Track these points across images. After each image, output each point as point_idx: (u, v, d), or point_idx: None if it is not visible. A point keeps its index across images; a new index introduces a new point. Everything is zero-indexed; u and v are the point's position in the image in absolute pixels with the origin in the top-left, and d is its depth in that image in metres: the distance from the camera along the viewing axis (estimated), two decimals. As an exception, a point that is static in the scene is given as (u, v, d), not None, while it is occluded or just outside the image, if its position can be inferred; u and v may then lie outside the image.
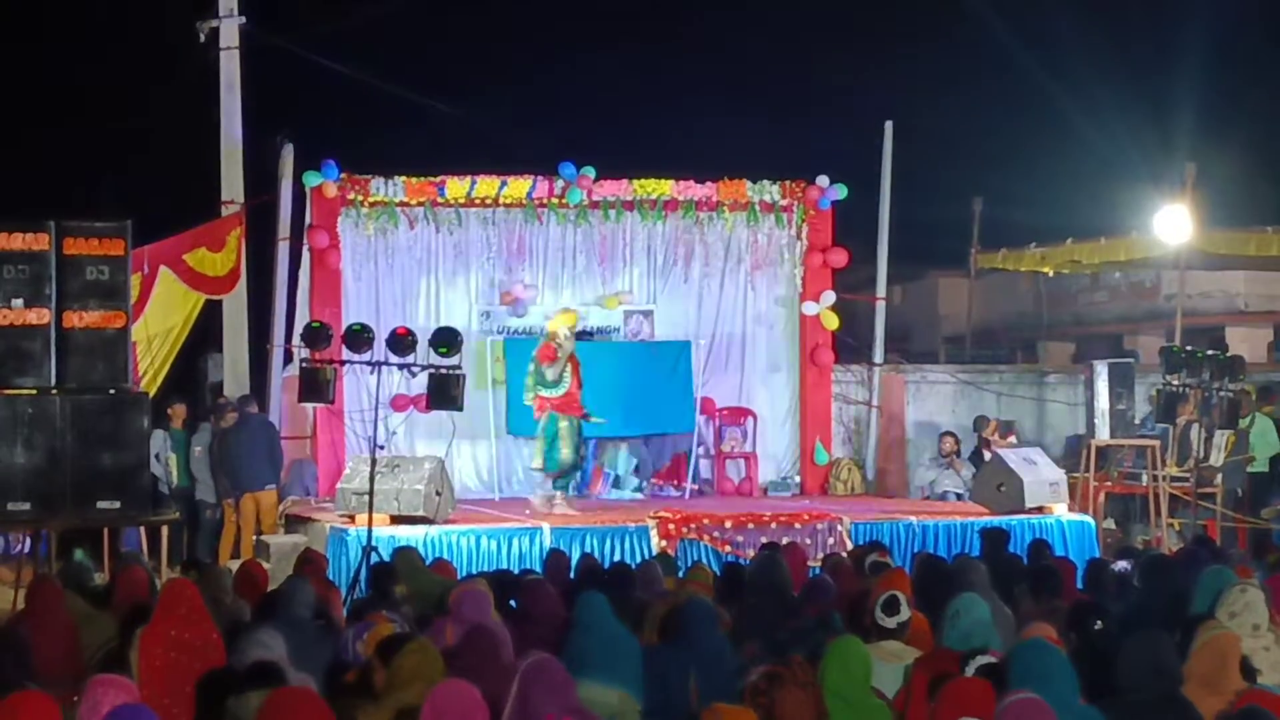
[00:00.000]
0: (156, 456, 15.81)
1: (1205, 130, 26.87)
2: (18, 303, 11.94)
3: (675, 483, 17.80)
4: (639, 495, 17.39)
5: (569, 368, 15.26)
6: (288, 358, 17.35)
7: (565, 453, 15.24)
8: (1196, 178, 20.56)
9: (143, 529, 14.78)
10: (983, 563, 9.80)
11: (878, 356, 19.58)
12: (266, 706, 5.32)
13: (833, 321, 18.59)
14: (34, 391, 11.97)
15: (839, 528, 14.58)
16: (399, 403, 16.73)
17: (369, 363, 13.39)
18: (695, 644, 7.52)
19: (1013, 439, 18.28)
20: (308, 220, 17.45)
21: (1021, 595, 9.38)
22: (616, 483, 17.80)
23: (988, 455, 17.24)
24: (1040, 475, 15.32)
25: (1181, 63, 27.96)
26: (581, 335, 17.78)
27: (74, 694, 5.44)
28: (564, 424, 15.25)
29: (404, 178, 17.52)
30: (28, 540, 13.45)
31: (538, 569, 11.73)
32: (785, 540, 12.92)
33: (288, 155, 17.66)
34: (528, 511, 15.08)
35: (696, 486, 17.72)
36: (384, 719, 6.11)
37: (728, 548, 14.24)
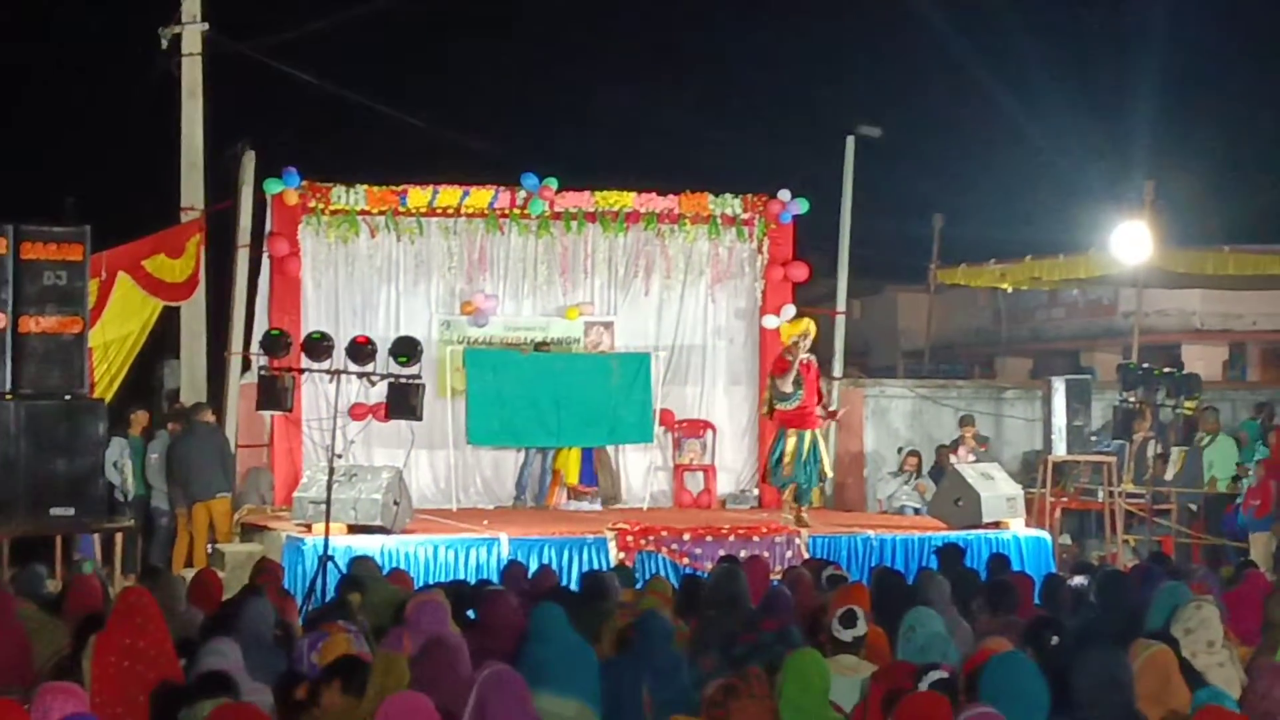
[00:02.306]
0: (114, 464, 15.72)
1: (1164, 149, 27.14)
2: (-27, 307, 11.86)
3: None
4: (597, 507, 17.37)
5: (802, 379, 15.21)
6: (246, 365, 17.27)
7: (785, 469, 15.23)
8: (1155, 195, 20.72)
9: (97, 536, 14.67)
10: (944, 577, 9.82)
11: (837, 370, 19.62)
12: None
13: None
14: (-12, 396, 11.89)
15: (797, 541, 14.59)
16: (357, 411, 16.67)
17: (328, 371, 13.34)
18: (649, 657, 7.52)
19: (985, 450, 18.36)
20: (268, 228, 17.37)
21: (979, 610, 9.40)
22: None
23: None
24: (997, 490, 15.36)
25: (1140, 82, 28.20)
26: (540, 346, 17.79)
27: (24, 702, 5.39)
28: (792, 440, 15.24)
29: (366, 186, 17.47)
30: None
31: (494, 580, 11.69)
32: (744, 553, 12.92)
33: (249, 162, 17.59)
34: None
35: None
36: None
37: (686, 560, 14.22)
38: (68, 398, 12.11)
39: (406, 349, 13.46)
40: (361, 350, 13.27)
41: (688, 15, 32.08)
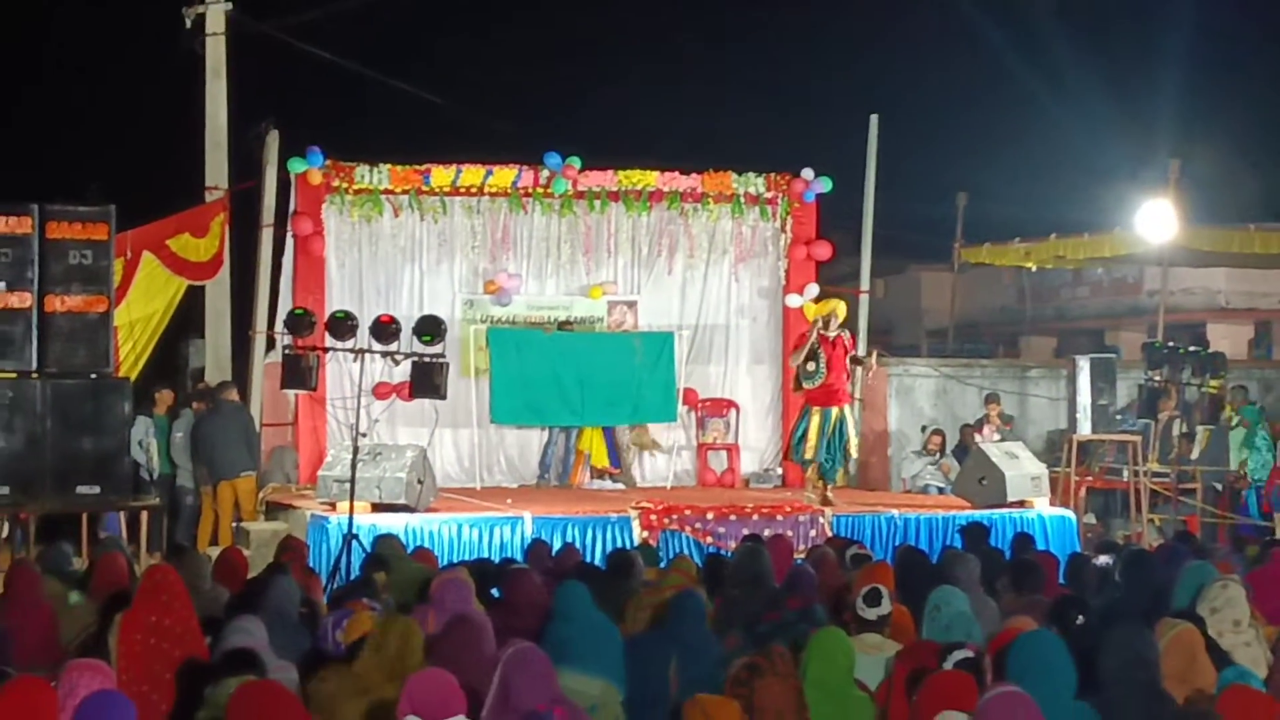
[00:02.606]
0: (140, 443, 15.78)
1: (1189, 127, 27.01)
2: (0, 286, 11.89)
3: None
4: (620, 486, 17.38)
5: (824, 357, 15.19)
6: (270, 344, 17.30)
7: (808, 449, 15.23)
8: (1180, 174, 20.61)
9: (122, 515, 14.73)
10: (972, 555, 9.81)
11: (860, 350, 19.58)
12: (236, 697, 5.30)
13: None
14: (14, 375, 11.95)
15: (821, 520, 14.57)
16: (381, 390, 16.69)
17: (352, 350, 13.35)
18: (681, 634, 7.52)
19: (1010, 429, 18.32)
20: (292, 207, 17.39)
21: (1003, 589, 9.39)
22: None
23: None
24: (1022, 469, 15.32)
25: (1166, 60, 28.06)
26: (564, 325, 17.79)
27: (52, 679, 5.41)
28: (815, 418, 15.22)
29: (389, 165, 17.47)
30: (5, 525, 13.39)
31: (519, 558, 11.71)
32: (767, 532, 12.91)
33: (273, 142, 17.61)
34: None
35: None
36: (360, 710, 6.08)
37: (709, 539, 14.22)
38: (93, 376, 12.15)
39: (430, 328, 13.46)
40: (385, 329, 13.28)
41: (713, -4, 32.04)
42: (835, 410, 15.29)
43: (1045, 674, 5.78)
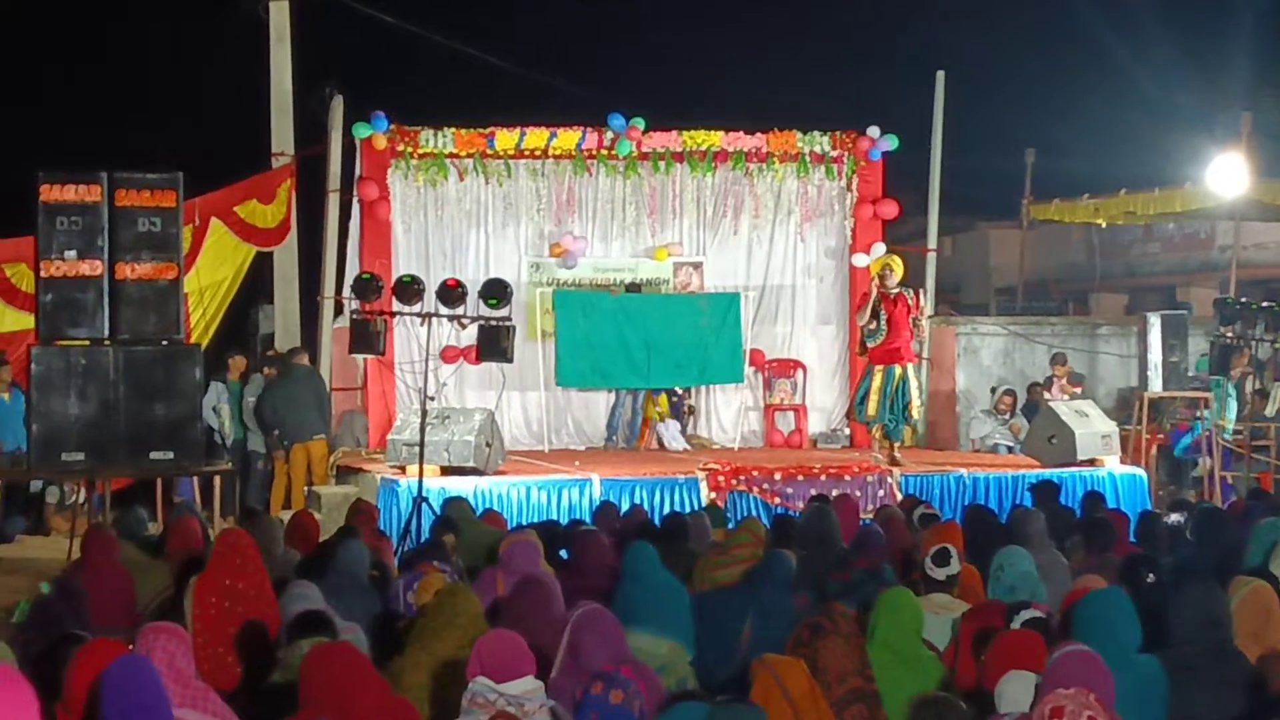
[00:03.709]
0: (213, 409, 15.93)
1: (1261, 79, 26.56)
2: (71, 254, 11.99)
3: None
4: (688, 447, 17.40)
5: (885, 315, 15.16)
6: (338, 309, 17.41)
7: (870, 407, 15.23)
8: (1253, 127, 20.32)
9: (195, 480, 14.88)
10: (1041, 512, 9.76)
11: (928, 309, 19.48)
12: (309, 659, 5.35)
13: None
14: (87, 343, 12.04)
15: (889, 480, 14.54)
16: (449, 354, 16.76)
17: (419, 314, 13.41)
18: (762, 594, 7.54)
19: (1079, 390, 18.18)
20: (358, 172, 17.48)
21: (1074, 547, 9.34)
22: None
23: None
24: (1092, 427, 15.22)
25: (1237, 10, 27.61)
26: (632, 287, 17.79)
27: (129, 642, 5.48)
28: (878, 377, 15.23)
29: (453, 129, 17.51)
30: (83, 490, 13.56)
31: (587, 520, 11.75)
32: (835, 492, 12.90)
33: (337, 107, 17.68)
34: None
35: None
36: (428, 671, 6.12)
37: (777, 499, 14.22)
38: (164, 343, 12.21)
39: (496, 291, 13.49)
40: (452, 293, 13.32)
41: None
42: (898, 369, 15.19)
43: (1109, 632, 5.75)
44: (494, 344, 13.58)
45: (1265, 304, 17.54)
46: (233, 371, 16.77)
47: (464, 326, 13.82)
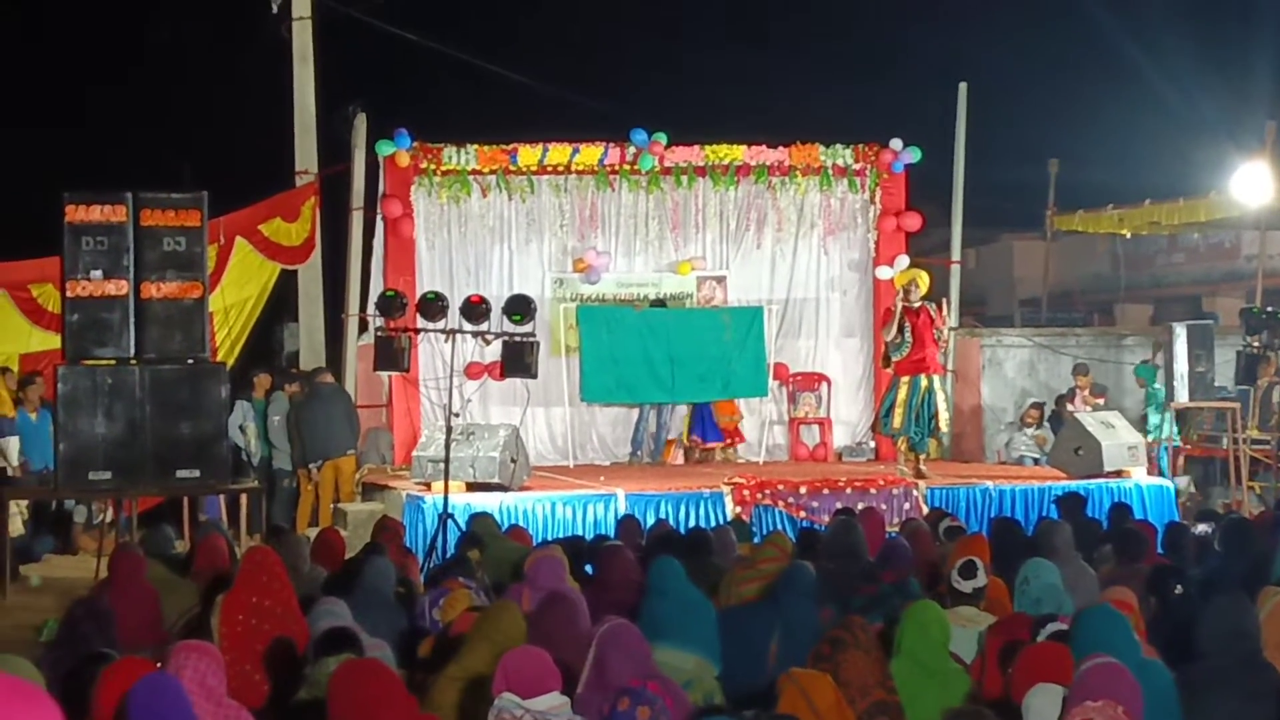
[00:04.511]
0: (240, 427, 15.98)
1: (1286, 88, 26.44)
2: (96, 274, 12.05)
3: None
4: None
5: (909, 328, 15.16)
6: (363, 327, 17.45)
7: (895, 419, 15.21)
8: (1277, 136, 20.26)
9: (222, 498, 14.92)
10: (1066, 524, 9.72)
11: (952, 320, 19.43)
12: (337, 676, 5.36)
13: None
14: (113, 362, 12.09)
15: (915, 493, 14.51)
16: (473, 370, 16.79)
17: (443, 331, 13.44)
18: (786, 607, 7.52)
19: (1101, 401, 18.12)
20: (381, 189, 17.53)
21: (1103, 559, 9.31)
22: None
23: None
24: (1118, 439, 15.17)
25: (1261, 19, 27.51)
26: (654, 302, 17.81)
27: (156, 659, 5.50)
28: (903, 390, 15.21)
29: (476, 146, 17.55)
30: (110, 509, 13.61)
31: (612, 535, 11.75)
32: (860, 506, 12.87)
33: (360, 125, 17.75)
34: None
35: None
36: (456, 688, 6.12)
37: (802, 513, 14.20)
38: (190, 362, 12.27)
39: (520, 307, 13.52)
40: (476, 309, 13.35)
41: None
42: (924, 380, 15.15)
43: (1110, 650, 5.68)
44: (518, 360, 13.61)
45: (1292, 313, 17.47)
46: (258, 390, 16.81)
47: (488, 343, 13.87)
